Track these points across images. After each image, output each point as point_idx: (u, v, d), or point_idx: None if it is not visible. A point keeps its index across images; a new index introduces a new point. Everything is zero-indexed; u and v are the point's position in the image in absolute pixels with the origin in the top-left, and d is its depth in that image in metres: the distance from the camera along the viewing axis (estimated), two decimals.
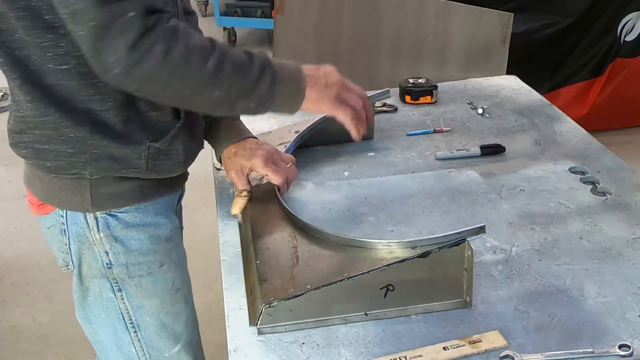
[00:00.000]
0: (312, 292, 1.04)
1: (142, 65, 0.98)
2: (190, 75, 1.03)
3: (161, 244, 1.24)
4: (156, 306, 1.27)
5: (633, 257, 1.18)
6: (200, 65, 1.03)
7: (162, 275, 1.26)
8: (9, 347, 2.43)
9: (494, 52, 2.57)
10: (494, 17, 2.55)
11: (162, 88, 1.03)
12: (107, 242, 1.20)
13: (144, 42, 0.98)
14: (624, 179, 1.42)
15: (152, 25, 0.99)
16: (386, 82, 2.01)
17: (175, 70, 1.01)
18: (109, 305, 1.26)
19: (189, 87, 1.04)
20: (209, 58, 1.04)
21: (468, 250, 1.05)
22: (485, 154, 1.53)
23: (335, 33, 2.82)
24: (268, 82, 1.10)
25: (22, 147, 1.17)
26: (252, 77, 1.09)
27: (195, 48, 1.03)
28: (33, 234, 2.96)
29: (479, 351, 0.99)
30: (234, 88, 1.08)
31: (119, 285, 1.24)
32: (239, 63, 1.08)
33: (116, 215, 1.19)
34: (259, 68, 1.10)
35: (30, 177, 1.23)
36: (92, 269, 1.23)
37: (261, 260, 1.16)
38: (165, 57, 1.00)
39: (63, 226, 1.21)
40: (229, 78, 1.07)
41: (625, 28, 3.36)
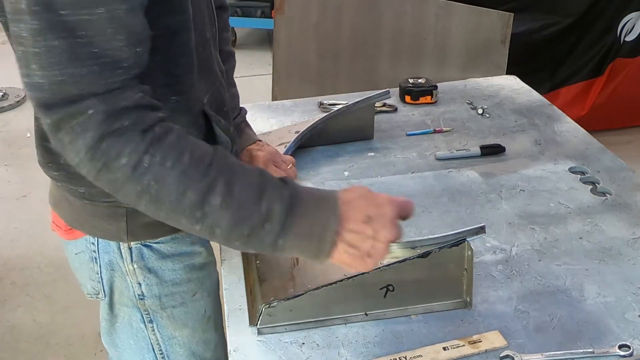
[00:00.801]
0: (312, 292, 1.04)
1: (105, 174, 0.85)
2: (162, 201, 0.86)
3: (195, 272, 1.17)
4: (187, 336, 1.20)
5: (633, 257, 1.18)
6: (177, 193, 0.85)
7: (194, 305, 1.19)
8: (9, 347, 2.43)
9: (494, 52, 2.57)
10: (494, 17, 2.55)
11: (134, 205, 0.89)
12: (141, 274, 1.12)
13: (105, 148, 0.83)
14: (624, 179, 1.42)
15: (116, 128, 0.83)
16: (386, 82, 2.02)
17: (145, 192, 0.85)
18: (139, 335, 1.18)
19: (162, 212, 0.88)
20: (192, 185, 0.85)
21: (468, 250, 1.05)
22: (485, 154, 1.53)
23: (335, 33, 2.82)
24: (274, 233, 0.88)
25: (54, 168, 1.07)
26: (250, 222, 0.87)
27: (175, 168, 0.85)
28: (33, 234, 2.97)
29: (479, 351, 0.99)
30: (221, 228, 0.88)
31: (150, 317, 1.16)
32: (235, 198, 0.87)
33: (151, 246, 1.11)
34: (264, 211, 0.87)
35: (57, 199, 1.15)
36: (123, 297, 1.16)
37: (261, 260, 1.16)
38: (133, 173, 0.84)
39: (94, 254, 1.13)
40: (214, 216, 0.87)
41: (625, 28, 3.36)
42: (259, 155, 1.28)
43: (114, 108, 0.83)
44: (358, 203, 0.92)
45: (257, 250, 0.94)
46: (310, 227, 0.90)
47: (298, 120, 1.69)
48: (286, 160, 1.34)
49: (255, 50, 5.06)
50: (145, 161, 0.84)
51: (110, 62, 0.83)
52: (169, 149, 0.86)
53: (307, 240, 0.90)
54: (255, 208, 0.87)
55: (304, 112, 1.77)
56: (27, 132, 3.86)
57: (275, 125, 1.65)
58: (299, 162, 1.42)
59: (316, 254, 0.92)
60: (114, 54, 0.83)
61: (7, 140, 3.91)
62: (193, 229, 0.89)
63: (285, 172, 1.30)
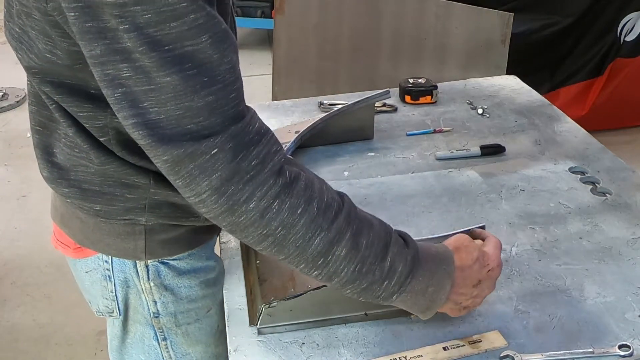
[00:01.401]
0: (312, 292, 1.04)
1: (228, 217, 0.83)
2: (287, 246, 0.85)
3: (210, 288, 1.15)
4: (200, 352, 1.19)
5: (633, 257, 1.18)
6: (303, 240, 0.85)
7: (208, 321, 1.17)
8: (9, 347, 2.43)
9: (494, 52, 2.57)
10: (494, 17, 2.55)
11: (254, 246, 0.88)
12: (157, 291, 1.10)
13: (233, 191, 0.81)
14: (624, 179, 1.42)
15: (249, 168, 0.81)
16: (386, 82, 2.02)
17: (270, 236, 0.84)
18: (151, 352, 1.16)
19: (283, 255, 0.87)
20: (320, 234, 0.85)
21: None
22: (485, 154, 1.53)
23: (335, 33, 2.82)
24: (391, 291, 0.91)
25: (65, 185, 1.03)
26: (371, 276, 0.88)
27: (305, 215, 0.84)
28: (33, 234, 2.97)
29: (479, 351, 0.99)
30: (340, 277, 0.88)
31: (164, 335, 1.14)
32: (361, 251, 0.87)
33: (168, 263, 1.09)
34: (387, 268, 0.89)
35: (65, 217, 1.10)
36: (137, 314, 1.13)
37: (261, 260, 1.16)
38: (261, 218, 0.83)
39: (108, 272, 1.09)
40: (337, 265, 0.87)
41: (625, 28, 3.36)
42: None
43: (239, 143, 0.81)
44: (472, 270, 0.96)
45: (366, 300, 0.93)
46: (427, 287, 0.93)
47: (298, 120, 1.69)
48: None
49: (255, 50, 5.06)
50: (275, 207, 0.83)
51: (225, 87, 0.81)
52: (300, 196, 0.84)
53: (420, 299, 0.93)
54: (378, 265, 0.88)
55: (304, 112, 1.77)
56: (27, 132, 3.85)
57: (275, 125, 1.65)
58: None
59: (424, 311, 0.96)
60: (225, 78, 0.81)
61: (7, 140, 3.91)
62: (310, 274, 0.89)
63: None
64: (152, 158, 0.84)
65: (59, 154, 1.03)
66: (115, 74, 0.79)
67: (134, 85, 0.79)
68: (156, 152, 0.81)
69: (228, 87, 0.81)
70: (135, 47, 0.77)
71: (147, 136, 0.80)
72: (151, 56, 0.77)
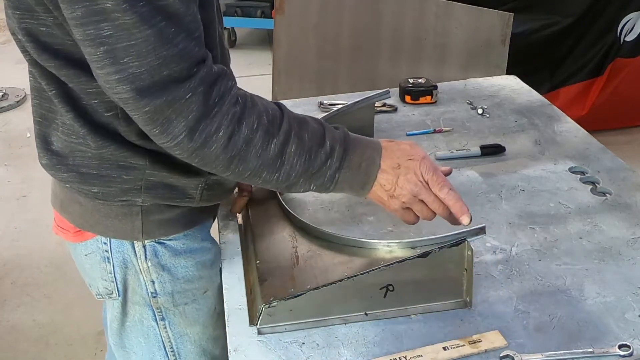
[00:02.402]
0: (312, 292, 1.04)
1: (201, 150, 0.94)
2: (250, 160, 0.98)
3: (206, 269, 1.19)
4: (198, 333, 1.22)
5: (633, 257, 1.18)
6: (262, 150, 0.97)
7: (205, 302, 1.21)
8: (9, 347, 2.44)
9: (494, 52, 2.58)
10: (494, 17, 2.56)
11: (222, 171, 0.99)
12: (155, 271, 1.14)
13: (204, 127, 0.92)
14: (624, 179, 1.42)
15: (214, 104, 0.93)
16: (386, 82, 2.02)
17: (236, 156, 0.96)
18: (150, 333, 1.19)
19: (248, 170, 0.99)
20: (273, 139, 0.98)
21: (468, 250, 1.05)
22: (485, 154, 1.53)
23: (335, 33, 2.82)
24: (334, 168, 1.03)
25: (64, 170, 1.08)
26: (318, 160, 1.02)
27: (259, 129, 0.97)
28: (33, 234, 2.97)
29: (479, 351, 0.99)
30: (296, 170, 1.01)
31: (162, 314, 1.18)
32: (306, 143, 1.01)
33: (164, 243, 1.14)
34: (327, 151, 1.02)
35: (65, 202, 1.15)
36: (135, 295, 1.17)
37: (261, 260, 1.16)
38: (228, 142, 0.95)
39: (106, 254, 1.14)
40: (291, 160, 1.00)
41: (625, 28, 3.36)
42: None
43: (207, 84, 0.92)
44: (395, 152, 1.07)
45: (317, 188, 1.05)
46: (360, 162, 1.05)
47: None
48: None
49: (255, 50, 5.06)
50: (237, 129, 0.95)
51: (190, 35, 0.91)
52: (252, 114, 0.97)
53: (357, 174, 1.05)
54: (321, 150, 1.02)
55: (304, 112, 1.75)
56: (27, 132, 3.87)
57: None
58: None
59: (363, 187, 1.06)
60: (189, 27, 0.91)
61: (7, 140, 3.91)
62: (271, 181, 1.01)
63: None
64: (131, 111, 0.91)
65: (56, 142, 1.08)
66: (97, 34, 0.86)
67: (115, 42, 0.86)
68: (137, 105, 0.90)
69: (193, 34, 0.91)
70: (116, 6, 0.84)
71: (130, 90, 0.88)
72: (131, 13, 0.85)
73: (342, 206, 1.36)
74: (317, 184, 1.04)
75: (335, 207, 1.36)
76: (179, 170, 1.08)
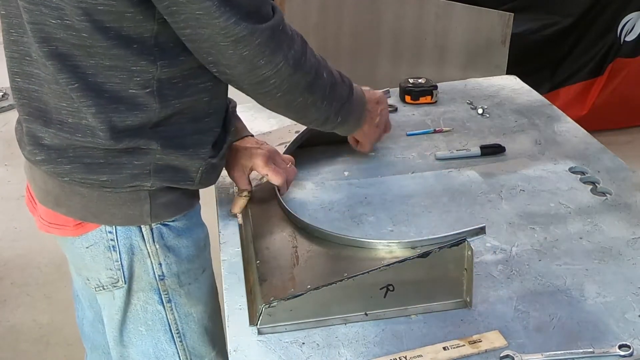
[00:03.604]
0: (312, 292, 1.04)
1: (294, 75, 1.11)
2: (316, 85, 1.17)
3: (202, 249, 1.23)
4: (201, 312, 1.24)
5: (633, 257, 1.18)
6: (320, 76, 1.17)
7: (205, 281, 1.24)
8: (9, 347, 2.43)
9: (494, 52, 2.58)
10: (494, 17, 2.56)
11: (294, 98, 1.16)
12: (162, 253, 1.16)
13: (296, 52, 1.10)
14: (624, 179, 1.42)
15: (292, 34, 1.11)
16: (386, 82, 2.02)
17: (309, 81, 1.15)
18: (155, 319, 1.21)
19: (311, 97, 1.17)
20: (323, 69, 1.18)
21: (468, 250, 1.05)
22: (485, 154, 1.53)
23: (335, 33, 2.82)
24: (347, 89, 1.26)
25: (66, 162, 1.09)
26: (344, 92, 1.25)
27: (316, 58, 1.17)
28: (33, 234, 2.96)
29: (479, 351, 0.99)
30: (335, 100, 1.23)
31: (169, 296, 1.20)
32: (335, 75, 1.23)
33: (169, 225, 1.17)
34: (347, 84, 1.27)
35: (61, 197, 1.14)
36: (141, 281, 1.18)
37: (261, 260, 1.16)
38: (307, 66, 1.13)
39: (112, 242, 1.15)
40: (332, 90, 1.21)
41: (625, 28, 3.36)
42: (259, 154, 1.29)
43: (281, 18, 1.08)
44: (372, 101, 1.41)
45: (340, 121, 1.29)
46: (360, 96, 1.34)
47: None
48: (285, 159, 1.35)
49: None
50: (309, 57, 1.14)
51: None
52: (304, 43, 1.14)
53: (357, 106, 1.32)
54: (342, 78, 1.26)
55: None
56: None
57: (275, 125, 1.65)
58: (299, 162, 1.42)
59: (359, 118, 1.36)
60: None
61: (7, 140, 3.91)
62: (321, 109, 1.22)
63: (285, 170, 1.31)
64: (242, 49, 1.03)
65: (49, 138, 1.09)
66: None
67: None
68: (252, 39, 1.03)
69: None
70: None
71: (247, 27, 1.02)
72: None
73: (342, 206, 1.36)
74: (342, 114, 1.27)
75: (335, 207, 1.36)
76: (185, 153, 1.12)
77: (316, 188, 1.43)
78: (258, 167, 1.29)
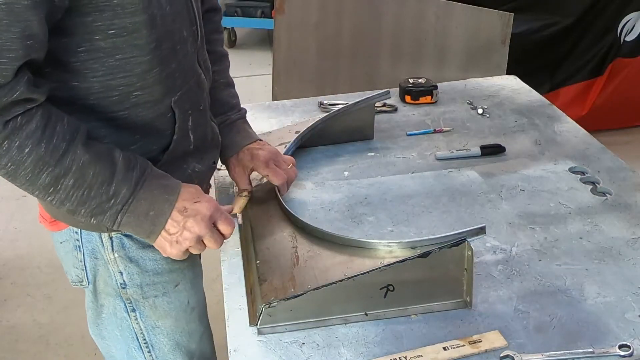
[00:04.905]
0: (312, 292, 1.04)
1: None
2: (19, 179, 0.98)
3: (177, 263, 1.18)
4: (171, 326, 1.23)
5: (633, 257, 1.18)
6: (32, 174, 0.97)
7: (177, 295, 1.22)
8: (9, 347, 2.43)
9: (494, 52, 2.57)
10: (494, 17, 2.55)
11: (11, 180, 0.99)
12: (122, 262, 1.16)
13: None
14: (624, 179, 1.42)
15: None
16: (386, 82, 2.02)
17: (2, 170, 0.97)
18: (123, 324, 1.22)
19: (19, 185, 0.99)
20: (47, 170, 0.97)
21: (468, 250, 1.05)
22: (485, 154, 1.53)
23: (335, 33, 2.82)
24: (115, 210, 1.02)
25: None
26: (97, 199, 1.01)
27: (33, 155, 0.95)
28: (33, 234, 2.97)
29: (479, 351, 0.99)
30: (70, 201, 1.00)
31: (133, 306, 1.20)
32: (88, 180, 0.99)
33: (131, 236, 1.14)
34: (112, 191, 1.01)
35: None
36: (107, 286, 1.19)
37: (261, 260, 1.16)
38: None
39: (77, 242, 1.17)
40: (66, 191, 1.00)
41: (625, 28, 3.36)
42: (260, 155, 1.29)
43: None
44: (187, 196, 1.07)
45: (99, 221, 1.04)
46: (148, 211, 1.04)
47: (298, 120, 1.69)
48: (286, 160, 1.34)
49: (255, 50, 5.06)
50: (4, 147, 0.93)
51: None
52: (28, 137, 0.95)
53: (144, 221, 1.04)
54: (104, 190, 1.01)
55: (304, 112, 1.77)
56: None
57: (275, 125, 1.65)
58: (299, 162, 1.42)
59: (149, 235, 1.06)
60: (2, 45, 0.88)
61: None
62: (45, 200, 1.01)
63: (285, 171, 1.31)
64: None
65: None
66: None
67: None
68: None
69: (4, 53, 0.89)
70: None
71: None
72: None
73: (342, 206, 1.36)
74: (98, 219, 1.03)
75: (335, 207, 1.36)
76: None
77: (316, 188, 1.43)
78: (259, 168, 1.29)
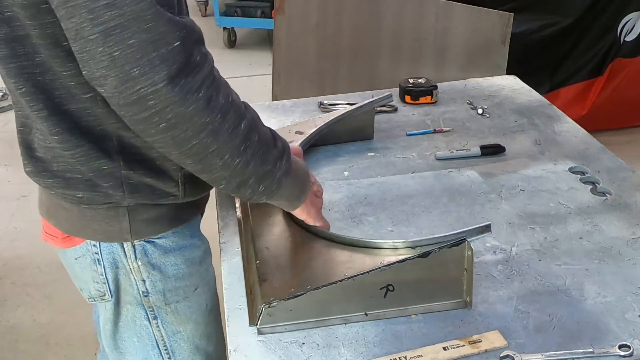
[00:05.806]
0: (312, 292, 1.04)
1: (179, 107, 0.86)
2: (221, 133, 0.91)
3: (196, 266, 1.19)
4: (191, 330, 1.22)
5: (633, 257, 1.18)
6: (234, 125, 0.92)
7: (197, 299, 1.21)
8: (9, 347, 2.43)
9: (494, 52, 2.57)
10: (494, 17, 2.55)
11: (188, 138, 0.90)
12: (145, 270, 1.14)
13: (189, 80, 0.86)
14: (624, 179, 1.42)
15: (199, 63, 0.87)
16: (386, 82, 2.02)
17: (210, 124, 0.90)
18: (143, 332, 1.20)
19: (214, 144, 0.92)
20: (243, 119, 0.94)
21: (468, 250, 1.05)
22: (485, 154, 1.53)
23: (335, 33, 2.82)
24: (283, 170, 1.03)
25: (48, 176, 1.07)
26: (272, 157, 1.00)
27: (233, 105, 0.93)
28: (33, 234, 2.96)
29: (479, 351, 0.99)
30: (254, 162, 0.97)
31: (155, 313, 1.18)
32: (265, 137, 0.99)
33: (154, 242, 1.13)
34: (280, 151, 1.02)
35: (51, 209, 1.14)
36: (127, 295, 1.17)
37: (261, 260, 1.16)
38: (207, 106, 0.88)
39: (96, 256, 1.13)
40: (253, 149, 0.96)
41: (625, 28, 3.36)
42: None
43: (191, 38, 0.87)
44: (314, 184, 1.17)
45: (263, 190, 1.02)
46: (303, 172, 1.10)
47: (298, 120, 1.69)
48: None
49: (255, 50, 5.06)
50: (216, 95, 0.90)
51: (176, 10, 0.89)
52: (225, 86, 0.93)
53: (298, 183, 1.09)
54: (274, 148, 1.02)
55: (304, 112, 1.77)
56: None
57: (275, 125, 1.65)
58: None
59: (298, 197, 1.11)
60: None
61: (8, 140, 3.91)
62: (229, 166, 0.96)
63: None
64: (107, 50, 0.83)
65: (38, 148, 1.07)
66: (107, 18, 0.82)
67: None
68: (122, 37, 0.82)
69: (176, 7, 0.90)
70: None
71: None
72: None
73: (342, 206, 1.36)
74: (265, 184, 1.01)
75: (335, 207, 1.36)
76: (153, 171, 1.06)
77: None
78: None
